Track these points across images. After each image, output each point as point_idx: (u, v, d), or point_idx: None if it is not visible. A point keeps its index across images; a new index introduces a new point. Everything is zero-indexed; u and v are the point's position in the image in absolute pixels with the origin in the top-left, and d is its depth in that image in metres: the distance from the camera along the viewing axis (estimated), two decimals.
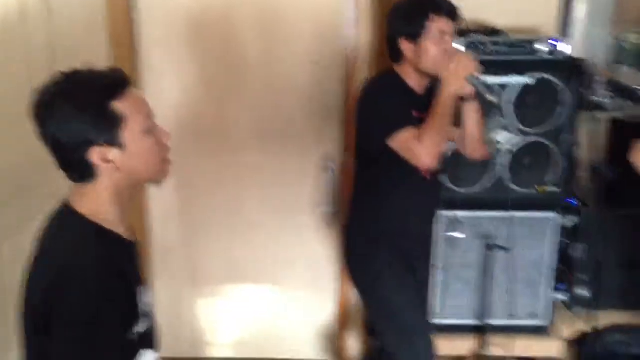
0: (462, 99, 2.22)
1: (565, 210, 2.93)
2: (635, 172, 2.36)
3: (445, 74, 2.13)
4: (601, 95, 3.44)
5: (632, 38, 4.18)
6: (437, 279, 2.88)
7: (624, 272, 2.97)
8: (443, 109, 2.12)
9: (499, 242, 2.84)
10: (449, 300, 2.93)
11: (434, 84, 2.24)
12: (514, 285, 2.93)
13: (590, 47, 3.73)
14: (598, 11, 4.01)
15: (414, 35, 2.19)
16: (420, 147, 2.10)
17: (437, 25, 2.17)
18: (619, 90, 3.50)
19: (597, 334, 2.94)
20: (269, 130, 2.99)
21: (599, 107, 3.37)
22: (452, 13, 2.20)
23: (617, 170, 2.92)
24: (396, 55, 2.27)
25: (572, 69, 2.77)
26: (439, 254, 2.83)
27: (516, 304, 2.96)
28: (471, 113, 2.29)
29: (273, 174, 3.03)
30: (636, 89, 3.43)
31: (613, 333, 2.94)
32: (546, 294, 2.96)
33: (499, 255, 2.85)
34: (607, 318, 3.04)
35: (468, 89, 2.16)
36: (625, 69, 3.92)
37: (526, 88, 2.72)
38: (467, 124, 2.31)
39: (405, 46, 2.22)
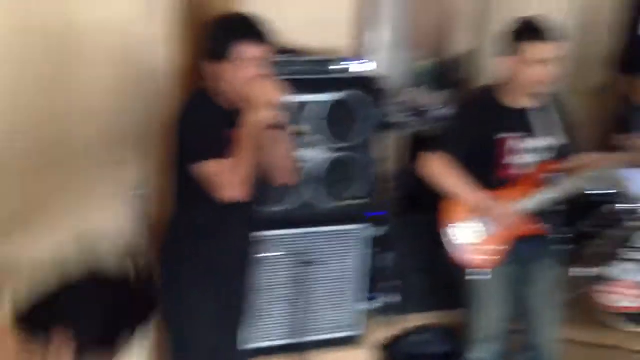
0: (271, 126, 2.13)
1: (373, 220, 3.06)
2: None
3: (249, 102, 2.06)
4: (400, 114, 3.69)
5: (427, 62, 4.55)
6: (252, 302, 2.84)
7: (427, 275, 3.17)
8: (248, 138, 2.05)
9: (312, 258, 2.88)
10: (263, 322, 2.91)
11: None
12: (327, 299, 2.99)
13: (391, 69, 3.99)
14: (397, 36, 4.31)
15: (220, 58, 2.11)
16: (224, 181, 2.04)
17: (245, 50, 2.09)
18: (415, 109, 3.79)
19: (404, 337, 3.11)
20: (67, 157, 2.74)
21: (398, 124, 3.61)
22: (263, 38, 2.13)
23: (415, 180, 3.12)
24: (205, 74, 2.19)
25: (369, 86, 2.90)
26: (252, 275, 2.79)
27: (331, 317, 3.03)
28: (279, 141, 2.21)
29: (73, 203, 2.79)
30: (429, 108, 3.75)
31: (418, 334, 3.13)
32: (358, 304, 3.06)
33: (312, 270, 2.90)
34: (416, 321, 3.23)
35: (274, 118, 2.09)
36: (421, 90, 4.25)
37: (330, 105, 2.80)
38: (275, 153, 2.22)
39: (212, 67, 2.14)
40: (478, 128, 2.53)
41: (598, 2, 4.32)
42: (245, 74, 2.09)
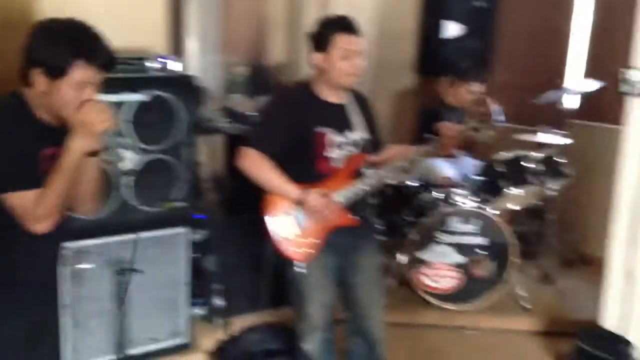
0: (90, 153, 1.94)
1: (194, 224, 2.98)
2: (248, 179, 2.53)
3: (75, 126, 1.87)
4: (217, 120, 3.67)
5: (240, 70, 4.59)
6: (66, 320, 2.63)
7: (252, 275, 3.16)
8: (68, 166, 1.88)
9: (132, 266, 2.73)
10: (84, 339, 2.71)
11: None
12: (152, 308, 2.86)
13: (204, 75, 3.95)
14: (210, 42, 4.28)
15: (53, 73, 1.87)
16: (35, 213, 1.86)
17: (80, 73, 1.87)
18: (232, 113, 3.80)
19: (234, 339, 3.06)
20: None
21: (216, 127, 3.59)
22: (105, 64, 1.92)
23: (235, 180, 3.10)
24: (28, 82, 1.92)
25: (186, 86, 2.84)
26: (66, 291, 2.59)
27: (157, 326, 2.90)
28: (92, 169, 2.00)
29: None
30: (245, 113, 3.77)
31: (248, 334, 3.10)
32: (184, 310, 2.97)
33: (134, 279, 2.74)
34: (246, 321, 3.20)
35: (97, 145, 1.91)
36: (236, 97, 4.28)
37: (142, 105, 2.70)
38: (84, 180, 1.99)
39: (40, 79, 1.89)
40: (295, 121, 2.55)
41: (400, 9, 4.64)
42: (77, 95, 1.89)
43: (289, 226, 2.58)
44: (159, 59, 2.79)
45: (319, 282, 2.67)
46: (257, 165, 2.53)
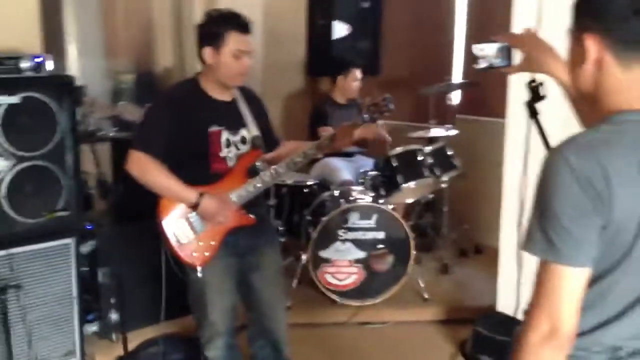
0: None
1: (81, 234, 2.79)
2: (138, 187, 2.38)
3: None
4: (104, 127, 3.49)
5: (128, 78, 4.41)
6: None
7: (146, 286, 2.98)
8: None
9: (13, 283, 2.53)
10: None
11: None
12: (41, 327, 2.66)
13: (89, 81, 3.76)
14: (89, 44, 4.08)
15: None
16: None
17: None
18: (120, 122, 3.63)
19: (132, 354, 2.89)
20: None
21: (100, 135, 3.40)
22: None
23: (124, 187, 2.94)
24: None
25: (63, 87, 2.67)
26: None
27: (47, 346, 2.70)
28: None
29: None
30: (134, 122, 3.60)
31: (147, 348, 2.94)
32: (77, 327, 2.77)
33: (18, 297, 2.54)
34: (143, 335, 3.03)
35: None
36: (123, 104, 4.10)
37: (14, 108, 2.50)
38: None
39: None
40: (183, 121, 2.43)
41: (288, 12, 4.64)
42: None
43: (185, 230, 2.47)
44: (34, 59, 2.59)
45: (219, 286, 2.56)
46: (147, 169, 2.40)
